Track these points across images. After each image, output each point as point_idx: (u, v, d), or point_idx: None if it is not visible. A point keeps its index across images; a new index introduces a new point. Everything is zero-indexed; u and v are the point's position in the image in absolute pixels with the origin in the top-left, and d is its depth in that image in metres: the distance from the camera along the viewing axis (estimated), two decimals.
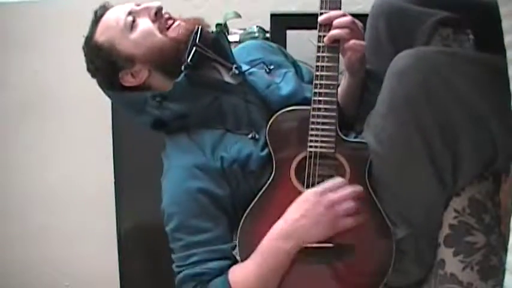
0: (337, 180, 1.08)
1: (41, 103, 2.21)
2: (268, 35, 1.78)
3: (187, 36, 1.20)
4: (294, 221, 1.07)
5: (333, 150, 1.12)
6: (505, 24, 0.88)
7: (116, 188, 1.93)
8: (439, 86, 1.00)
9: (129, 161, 1.93)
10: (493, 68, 1.00)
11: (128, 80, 1.23)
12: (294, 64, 1.40)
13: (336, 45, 1.12)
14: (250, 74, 1.26)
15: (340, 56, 1.14)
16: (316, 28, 1.17)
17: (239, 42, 1.80)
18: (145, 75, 1.22)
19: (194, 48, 1.18)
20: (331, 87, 1.12)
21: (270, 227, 1.10)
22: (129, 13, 1.22)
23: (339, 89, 1.26)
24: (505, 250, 0.89)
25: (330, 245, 1.08)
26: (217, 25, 1.83)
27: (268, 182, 1.14)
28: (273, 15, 1.70)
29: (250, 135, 1.19)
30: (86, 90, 2.19)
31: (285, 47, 1.70)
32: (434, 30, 1.16)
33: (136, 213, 1.91)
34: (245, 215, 1.14)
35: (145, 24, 1.22)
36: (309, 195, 1.08)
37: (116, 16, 1.23)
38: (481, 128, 1.02)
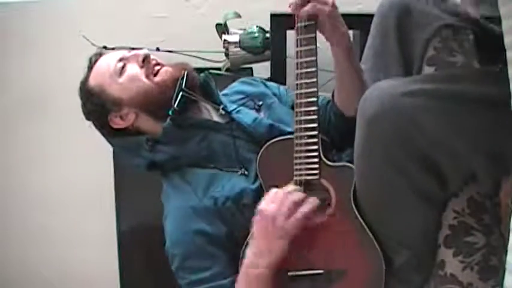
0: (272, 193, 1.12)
1: (41, 103, 2.21)
2: (268, 35, 1.78)
3: (173, 81, 1.26)
4: (254, 248, 1.12)
5: (317, 177, 1.13)
6: (505, 25, 0.88)
7: (116, 188, 1.93)
8: (410, 132, 0.99)
9: None
10: (459, 97, 1.00)
11: (117, 122, 1.30)
12: (276, 94, 1.43)
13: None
14: (237, 112, 1.31)
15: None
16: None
17: (239, 42, 1.80)
18: (132, 118, 1.29)
19: (181, 94, 1.24)
20: (312, 113, 1.14)
21: None
22: (120, 59, 1.29)
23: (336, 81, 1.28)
24: (505, 250, 0.89)
25: (320, 271, 1.10)
26: (218, 25, 1.83)
27: None
28: (273, 15, 1.70)
29: (239, 172, 1.23)
30: None
31: (285, 47, 1.70)
32: (436, 32, 1.16)
33: (136, 214, 1.91)
34: (244, 245, 1.16)
35: (133, 69, 1.28)
36: (255, 221, 1.12)
37: (107, 62, 1.31)
38: (459, 158, 1.02)
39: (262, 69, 1.87)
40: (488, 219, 1.05)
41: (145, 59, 1.28)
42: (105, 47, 1.94)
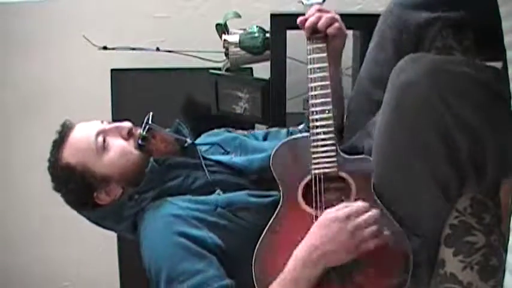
0: (357, 204, 1.06)
1: (41, 103, 2.21)
2: (268, 35, 1.78)
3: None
4: (315, 248, 1.03)
5: (336, 169, 1.14)
6: (505, 24, 0.88)
7: None
8: (438, 106, 0.99)
9: None
10: (488, 87, 1.00)
11: (103, 199, 1.24)
12: (245, 135, 1.45)
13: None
14: (212, 153, 1.31)
15: None
16: None
17: (239, 42, 1.80)
18: (119, 192, 1.23)
19: (147, 127, 1.23)
20: (327, 111, 1.17)
21: (285, 253, 1.07)
22: (98, 133, 1.23)
23: None
24: (505, 250, 0.89)
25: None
26: (218, 25, 1.83)
27: (277, 211, 1.15)
28: (273, 15, 1.70)
29: (216, 192, 1.20)
30: (86, 90, 2.20)
31: (285, 47, 1.70)
32: (436, 31, 1.16)
33: None
34: (257, 247, 1.11)
35: (118, 143, 1.23)
36: (330, 221, 1.04)
37: (85, 137, 1.24)
38: (479, 145, 1.01)
39: (262, 69, 1.87)
40: (488, 219, 1.05)
41: (130, 132, 1.24)
42: (105, 47, 1.94)
